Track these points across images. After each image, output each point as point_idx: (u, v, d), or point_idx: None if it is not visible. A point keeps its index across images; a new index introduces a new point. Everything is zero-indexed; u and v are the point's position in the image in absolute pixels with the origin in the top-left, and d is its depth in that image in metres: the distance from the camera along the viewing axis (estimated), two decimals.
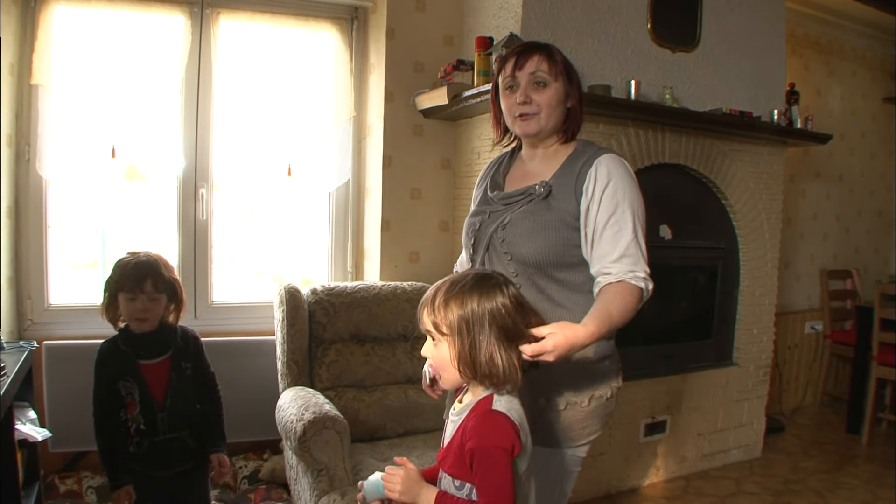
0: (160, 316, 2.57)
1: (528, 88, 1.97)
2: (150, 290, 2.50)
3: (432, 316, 1.58)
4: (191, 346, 2.67)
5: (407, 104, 3.87)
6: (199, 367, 2.67)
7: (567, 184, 1.95)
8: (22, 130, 3.42)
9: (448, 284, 1.60)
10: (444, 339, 1.57)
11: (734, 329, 4.39)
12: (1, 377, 2.18)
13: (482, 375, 1.53)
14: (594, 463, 3.71)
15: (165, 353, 2.58)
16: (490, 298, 1.55)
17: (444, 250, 4.01)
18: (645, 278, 1.87)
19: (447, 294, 1.57)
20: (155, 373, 2.54)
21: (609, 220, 1.89)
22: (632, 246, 1.88)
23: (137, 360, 2.53)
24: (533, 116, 1.97)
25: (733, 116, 3.89)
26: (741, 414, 4.41)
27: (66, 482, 3.39)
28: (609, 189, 1.90)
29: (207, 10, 3.66)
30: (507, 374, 1.52)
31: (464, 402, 1.63)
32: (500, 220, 2.01)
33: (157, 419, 2.50)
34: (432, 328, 1.59)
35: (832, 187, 5.77)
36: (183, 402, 2.58)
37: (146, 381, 2.51)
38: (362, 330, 3.44)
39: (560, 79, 1.98)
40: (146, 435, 2.50)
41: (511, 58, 2.01)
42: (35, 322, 3.52)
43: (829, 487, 4.04)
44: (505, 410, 1.53)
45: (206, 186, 3.76)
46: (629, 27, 3.73)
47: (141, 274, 2.50)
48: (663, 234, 3.96)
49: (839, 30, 5.56)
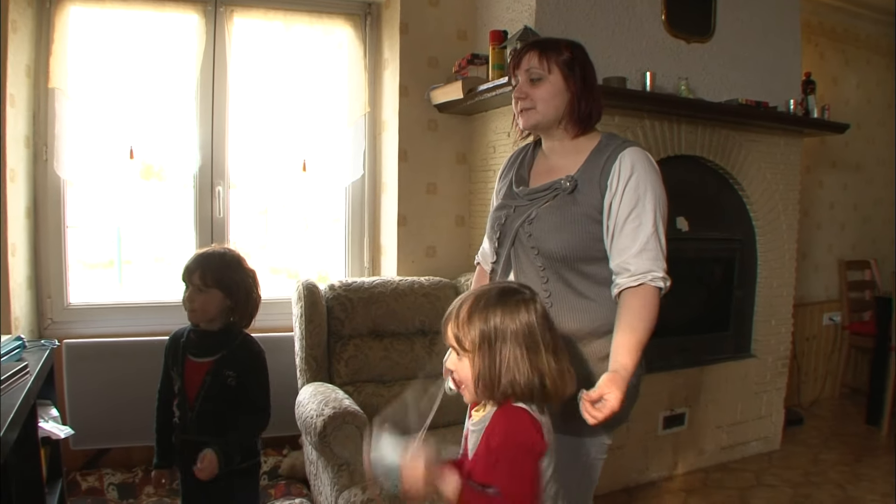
0: (213, 313, 2.47)
1: (525, 85, 2.01)
2: (197, 283, 2.44)
3: (456, 330, 1.55)
4: (244, 357, 2.52)
5: (421, 99, 3.87)
6: (247, 381, 2.50)
7: (592, 178, 1.95)
8: (39, 131, 3.45)
9: (473, 298, 1.56)
10: (466, 355, 1.54)
11: (752, 321, 4.36)
12: (24, 376, 2.19)
13: (501, 395, 1.50)
14: (613, 456, 3.69)
15: (212, 356, 2.48)
16: (514, 315, 1.51)
17: (461, 245, 4.01)
18: (663, 277, 1.88)
19: (471, 309, 1.54)
20: (195, 372, 2.48)
21: (630, 213, 1.90)
22: (651, 240, 1.88)
23: (187, 354, 2.50)
24: (529, 110, 2.01)
25: (749, 107, 3.86)
26: (760, 406, 4.39)
27: (88, 479, 3.42)
28: (631, 182, 1.90)
29: (221, 8, 3.67)
30: (526, 393, 1.50)
31: (483, 413, 1.61)
32: (526, 215, 2.01)
33: (186, 417, 2.47)
34: (455, 343, 1.56)
35: (849, 177, 5.72)
36: (216, 410, 2.46)
37: (184, 378, 2.48)
38: (380, 325, 3.45)
39: (555, 71, 1.99)
40: (178, 428, 2.51)
41: (512, 60, 2.07)
42: (55, 321, 3.55)
43: (849, 479, 4.02)
44: (524, 406, 1.52)
45: (223, 184, 3.77)
46: (643, 19, 3.71)
47: (193, 265, 2.47)
48: (680, 227, 3.94)
49: (854, 18, 5.51)
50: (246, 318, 2.56)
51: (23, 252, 3.34)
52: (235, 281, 2.49)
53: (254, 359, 2.55)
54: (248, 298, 2.53)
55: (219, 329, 2.51)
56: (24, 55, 3.29)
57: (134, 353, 3.46)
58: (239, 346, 2.53)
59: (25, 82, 3.33)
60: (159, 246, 3.93)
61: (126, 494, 3.40)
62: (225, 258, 2.51)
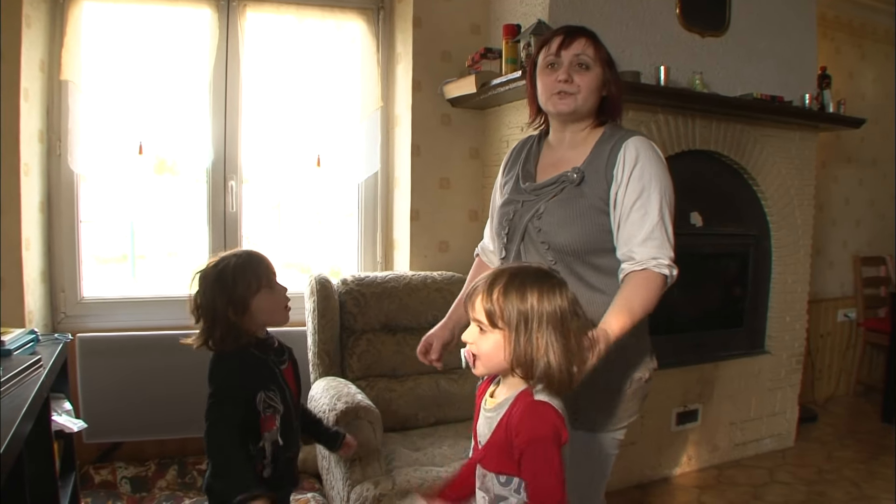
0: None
1: (571, 69, 1.96)
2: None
3: (488, 304, 1.49)
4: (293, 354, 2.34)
5: (435, 93, 3.86)
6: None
7: (598, 169, 1.94)
8: (53, 126, 3.46)
9: (509, 275, 1.52)
10: (494, 331, 1.50)
11: (766, 317, 4.34)
12: (38, 369, 2.20)
13: (538, 377, 1.47)
14: (626, 452, 3.66)
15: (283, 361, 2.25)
16: (551, 298, 1.48)
17: (474, 240, 3.92)
18: (669, 265, 1.86)
19: (508, 285, 1.49)
20: (289, 379, 2.25)
21: (635, 202, 1.89)
22: (657, 229, 1.87)
23: (278, 365, 2.22)
24: (570, 95, 1.96)
25: (764, 101, 3.84)
26: (774, 403, 4.36)
27: (102, 473, 3.43)
28: (636, 171, 1.90)
29: (234, 2, 3.67)
30: (561, 379, 1.47)
31: (498, 398, 1.59)
32: (534, 210, 2.00)
33: (293, 430, 2.22)
34: (485, 318, 1.50)
35: (865, 172, 5.67)
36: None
37: (290, 387, 2.22)
38: (393, 320, 3.45)
39: (602, 65, 1.98)
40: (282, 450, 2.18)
41: (557, 36, 2.00)
42: (68, 315, 3.56)
43: (863, 477, 3.99)
44: (547, 399, 1.50)
45: (235, 179, 3.77)
46: (657, 12, 3.69)
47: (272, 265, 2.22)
48: (694, 222, 3.92)
49: (871, 11, 5.46)
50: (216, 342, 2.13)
51: (36, 246, 3.35)
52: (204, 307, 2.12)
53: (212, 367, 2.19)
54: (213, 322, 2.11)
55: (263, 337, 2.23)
56: (37, 50, 3.30)
57: (147, 347, 3.46)
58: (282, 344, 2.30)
59: (39, 77, 3.34)
60: (172, 240, 3.94)
61: (139, 488, 3.40)
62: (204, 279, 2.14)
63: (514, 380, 1.54)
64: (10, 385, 1.96)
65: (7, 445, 1.52)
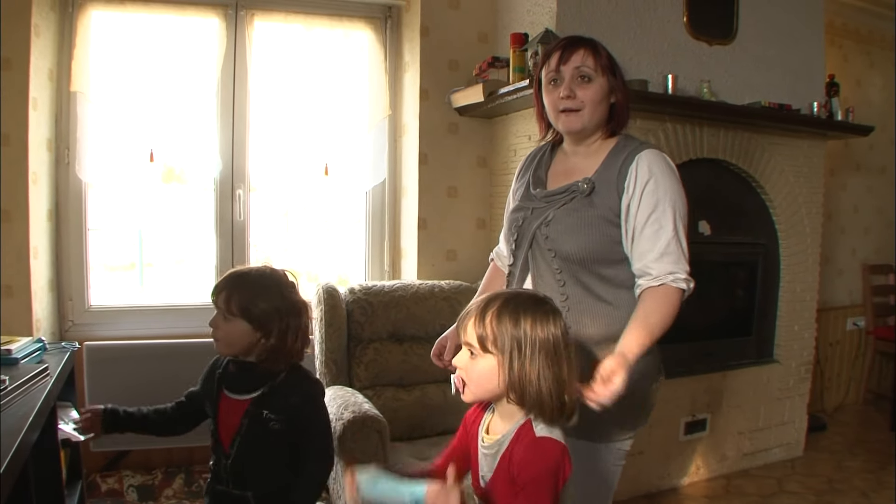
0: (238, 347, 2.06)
1: (573, 83, 1.94)
2: (222, 306, 2.05)
3: (480, 329, 1.48)
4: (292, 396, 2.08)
5: (442, 102, 3.86)
6: (293, 425, 2.07)
7: (609, 180, 1.93)
8: (61, 135, 3.48)
9: (502, 300, 1.51)
10: (485, 356, 1.49)
11: (775, 325, 4.32)
12: (44, 377, 2.20)
13: (530, 406, 1.47)
14: (634, 462, 3.67)
15: (251, 393, 2.07)
16: (544, 325, 1.47)
17: (482, 248, 3.99)
18: (686, 279, 1.86)
19: (501, 310, 1.48)
20: (231, 411, 2.09)
21: (649, 217, 1.87)
22: (672, 243, 1.86)
23: (223, 388, 2.12)
24: (576, 113, 1.95)
25: (772, 109, 3.83)
26: (783, 412, 4.34)
27: (108, 481, 3.44)
28: (650, 185, 1.88)
29: (242, 11, 3.68)
30: (552, 407, 1.46)
31: (495, 433, 1.57)
32: (543, 217, 1.99)
33: (220, 465, 2.10)
34: (476, 342, 1.49)
35: (874, 180, 5.65)
36: (255, 458, 2.06)
37: (218, 417, 2.12)
38: (400, 329, 3.44)
39: (605, 74, 1.96)
40: (213, 477, 2.15)
41: (556, 51, 1.99)
42: (76, 323, 3.57)
43: (873, 487, 3.96)
44: (549, 433, 1.48)
45: (243, 188, 3.78)
46: (665, 21, 3.69)
47: (221, 283, 2.09)
48: (702, 230, 3.92)
49: (878, 19, 5.44)
50: (285, 358, 2.09)
51: (44, 254, 3.36)
52: (268, 313, 2.04)
53: (307, 397, 2.12)
54: (284, 336, 2.06)
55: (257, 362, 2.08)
56: (46, 59, 3.32)
57: (154, 356, 3.46)
58: (286, 380, 2.10)
59: (48, 86, 3.35)
60: (180, 249, 3.95)
61: (145, 496, 3.40)
62: (260, 282, 2.08)
63: (508, 408, 1.53)
64: (17, 394, 1.95)
65: (13, 454, 1.52)
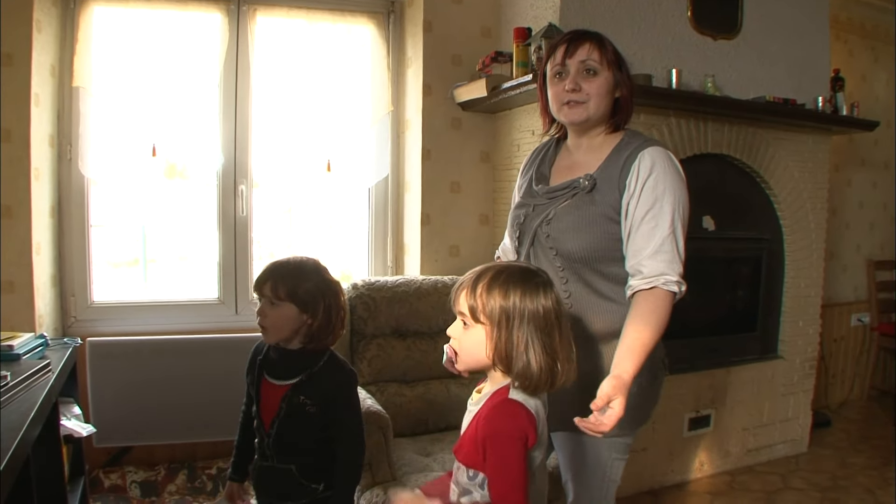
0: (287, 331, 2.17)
1: (578, 76, 1.94)
2: (268, 294, 2.15)
3: (471, 300, 1.53)
4: (329, 382, 2.21)
5: (445, 97, 3.85)
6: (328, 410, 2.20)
7: (611, 177, 1.92)
8: (64, 130, 3.47)
9: (494, 272, 1.55)
10: (476, 326, 1.54)
11: (779, 321, 4.30)
12: (46, 373, 2.20)
13: (516, 374, 1.51)
14: (638, 458, 3.66)
15: (291, 379, 2.19)
16: (533, 297, 1.52)
17: (485, 244, 3.98)
18: (677, 281, 1.83)
19: (492, 282, 1.53)
20: (271, 395, 2.21)
21: (647, 214, 1.86)
22: (667, 242, 1.84)
23: (263, 374, 2.24)
24: (581, 105, 1.94)
25: (777, 104, 3.81)
26: (787, 408, 4.33)
27: (111, 477, 3.43)
28: (650, 182, 1.86)
29: (244, 7, 3.67)
30: (540, 378, 1.50)
31: (482, 393, 1.63)
32: (544, 215, 1.98)
33: (263, 443, 2.23)
34: (467, 312, 1.54)
35: (878, 175, 5.63)
36: (293, 436, 2.19)
37: (260, 401, 2.23)
38: (403, 324, 3.43)
39: (610, 68, 1.95)
40: (259, 454, 2.27)
41: (562, 45, 1.98)
42: (79, 319, 3.57)
43: (878, 484, 3.95)
44: (521, 399, 1.52)
45: (246, 183, 3.77)
46: (669, 15, 3.67)
47: (264, 275, 2.19)
48: (706, 226, 3.90)
49: (884, 13, 5.42)
50: (328, 337, 2.24)
51: (47, 250, 3.36)
52: (312, 293, 2.17)
53: (341, 385, 2.25)
54: (328, 314, 2.20)
55: (299, 349, 2.21)
56: (48, 55, 3.31)
57: (157, 352, 3.46)
58: (323, 368, 2.22)
59: (50, 82, 3.35)
60: (184, 244, 3.94)
61: (148, 492, 3.40)
62: (300, 267, 2.21)
63: (497, 375, 1.58)
64: (19, 389, 1.96)
65: (14, 450, 1.52)
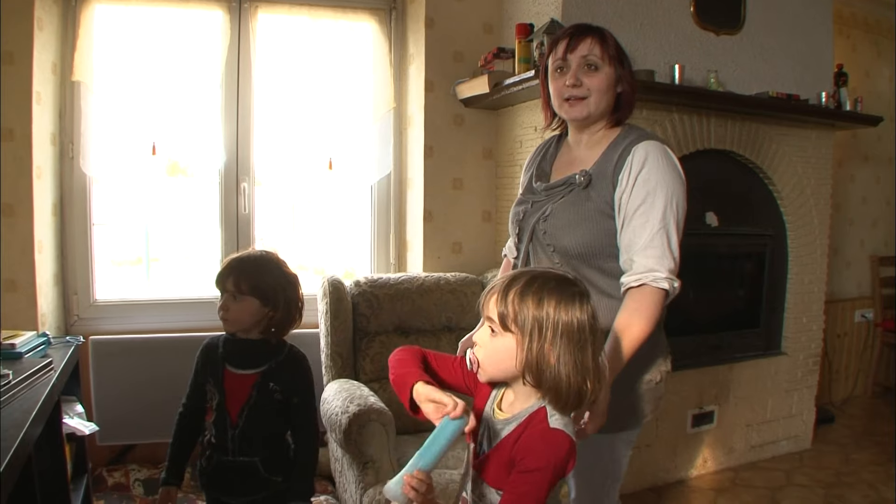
0: (247, 322, 2.26)
1: (579, 71, 1.92)
2: (231, 289, 2.23)
3: (502, 306, 1.42)
4: (287, 368, 2.31)
5: (447, 94, 3.84)
6: (292, 395, 2.30)
7: (605, 172, 1.90)
8: (65, 129, 3.47)
9: (528, 278, 1.44)
10: (506, 334, 1.43)
11: (783, 318, 4.29)
12: (49, 372, 2.20)
13: (546, 389, 1.41)
14: (641, 454, 3.66)
15: (256, 367, 2.27)
16: (568, 308, 1.40)
17: (488, 240, 3.98)
18: (668, 278, 1.79)
19: (525, 288, 1.42)
20: (238, 385, 2.27)
21: (638, 208, 1.83)
22: (658, 237, 1.80)
23: (226, 366, 2.29)
24: (582, 100, 1.93)
25: (780, 100, 3.80)
26: (790, 404, 4.32)
27: (114, 475, 3.43)
28: (642, 176, 1.84)
29: (245, 4, 3.67)
30: (569, 393, 1.40)
31: (509, 412, 1.52)
32: (541, 211, 1.98)
33: (227, 436, 2.25)
34: (497, 318, 1.43)
35: (882, 171, 5.62)
36: (260, 426, 2.26)
37: (225, 391, 2.27)
38: (406, 321, 3.43)
39: (612, 63, 1.93)
40: (216, 450, 2.28)
41: (563, 39, 1.96)
42: (81, 317, 3.56)
43: (882, 479, 3.94)
44: (562, 427, 1.42)
45: (248, 181, 3.77)
46: (671, 10, 3.66)
47: (226, 270, 2.26)
48: (710, 222, 3.89)
49: (887, 9, 5.40)
50: (286, 328, 2.35)
51: (49, 249, 3.36)
52: (273, 287, 2.27)
53: (303, 373, 2.36)
54: (288, 306, 2.31)
55: (258, 339, 2.30)
56: (49, 53, 3.31)
57: (160, 350, 3.47)
58: (287, 358, 2.33)
59: (51, 80, 3.35)
60: (186, 243, 3.94)
61: (152, 490, 3.40)
62: (261, 262, 2.31)
63: (524, 389, 1.47)
64: (21, 388, 1.95)
65: (16, 448, 1.52)
